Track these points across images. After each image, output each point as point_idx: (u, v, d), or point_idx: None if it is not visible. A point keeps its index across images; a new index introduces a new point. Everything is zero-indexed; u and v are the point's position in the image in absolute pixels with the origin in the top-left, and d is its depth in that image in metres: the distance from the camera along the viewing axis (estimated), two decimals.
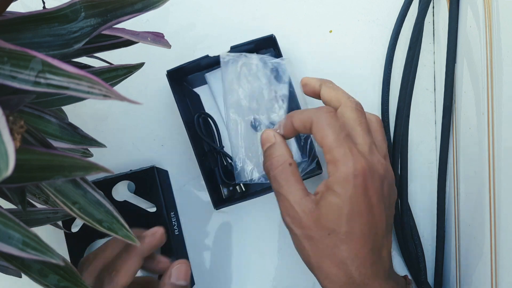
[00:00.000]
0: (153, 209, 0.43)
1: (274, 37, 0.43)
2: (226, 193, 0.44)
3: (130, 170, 0.44)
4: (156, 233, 0.36)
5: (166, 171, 0.46)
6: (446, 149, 0.43)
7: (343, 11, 0.46)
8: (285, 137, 0.38)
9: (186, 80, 0.45)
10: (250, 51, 0.44)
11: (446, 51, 0.42)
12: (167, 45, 0.31)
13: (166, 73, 0.42)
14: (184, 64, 0.42)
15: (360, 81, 0.46)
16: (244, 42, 0.43)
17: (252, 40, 0.43)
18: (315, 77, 0.40)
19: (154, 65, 0.43)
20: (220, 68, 0.45)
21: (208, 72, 0.45)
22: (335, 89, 0.38)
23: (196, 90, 0.46)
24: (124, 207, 0.42)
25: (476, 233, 0.37)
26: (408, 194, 0.44)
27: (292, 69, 0.46)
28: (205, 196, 0.46)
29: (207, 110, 0.46)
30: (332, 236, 0.33)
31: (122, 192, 0.44)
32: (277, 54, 0.43)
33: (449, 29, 0.41)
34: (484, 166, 0.35)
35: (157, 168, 0.44)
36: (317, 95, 0.39)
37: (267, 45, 0.44)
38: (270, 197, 0.46)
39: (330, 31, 0.46)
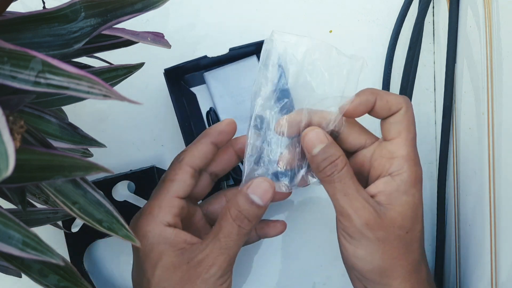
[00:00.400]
0: None
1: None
2: None
3: (130, 170, 0.44)
4: (223, 121, 0.36)
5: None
6: (446, 149, 0.43)
7: (343, 11, 0.46)
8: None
9: (183, 79, 0.45)
10: (250, 53, 0.44)
11: (446, 51, 0.42)
12: (167, 45, 0.31)
13: (163, 71, 0.42)
14: (182, 63, 0.42)
15: (360, 81, 0.46)
16: (244, 45, 0.43)
17: (252, 42, 0.43)
18: (358, 95, 0.34)
19: (154, 65, 0.43)
20: (219, 68, 0.45)
21: (206, 71, 0.45)
22: (389, 94, 0.34)
23: (193, 89, 0.46)
24: (124, 207, 0.42)
25: (476, 233, 0.37)
26: None
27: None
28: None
29: (202, 110, 0.46)
30: (409, 234, 0.33)
31: (122, 192, 0.44)
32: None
33: (449, 29, 0.41)
34: (484, 166, 0.35)
35: (157, 168, 0.44)
36: (371, 107, 0.34)
37: None
38: None
39: (330, 31, 0.46)
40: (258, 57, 0.45)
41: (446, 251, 0.43)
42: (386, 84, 0.45)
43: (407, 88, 0.43)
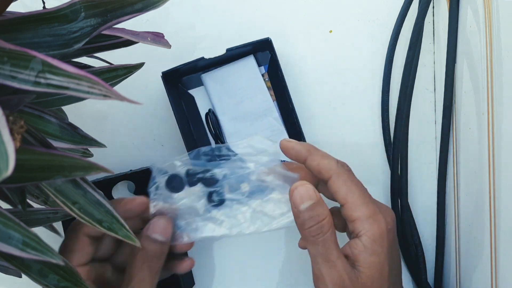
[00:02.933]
0: None
1: (270, 40, 0.43)
2: None
3: (130, 170, 0.44)
4: (135, 199, 0.35)
5: None
6: (446, 149, 0.43)
7: (343, 11, 0.46)
8: (284, 151, 0.36)
9: (181, 81, 0.45)
10: (247, 53, 0.44)
11: (446, 51, 0.42)
12: (167, 45, 0.31)
13: (161, 74, 0.42)
14: (179, 65, 0.42)
15: (360, 81, 0.46)
16: (241, 45, 0.43)
17: (249, 42, 0.43)
18: (298, 141, 0.37)
19: (154, 65, 0.43)
20: (216, 69, 0.45)
21: (204, 73, 0.45)
22: (324, 157, 0.36)
23: (191, 91, 0.46)
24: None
25: (476, 233, 0.37)
26: (408, 194, 0.44)
27: (291, 69, 0.46)
28: None
29: (201, 112, 0.46)
30: None
31: (122, 192, 0.44)
32: (273, 56, 0.43)
33: (449, 29, 0.41)
34: (484, 166, 0.35)
35: None
36: (301, 161, 0.36)
37: (263, 48, 0.44)
38: None
39: (330, 31, 0.46)
40: (256, 57, 0.45)
41: (446, 251, 0.43)
42: (386, 84, 0.45)
43: (407, 88, 0.43)
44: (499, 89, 0.34)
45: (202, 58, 0.43)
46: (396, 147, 0.43)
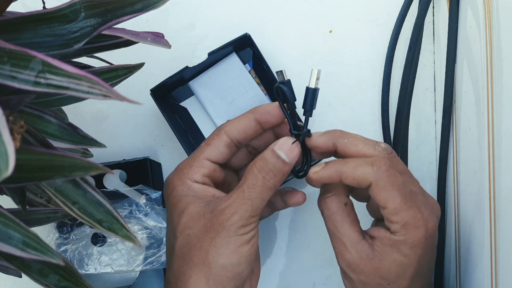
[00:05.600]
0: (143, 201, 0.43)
1: (249, 35, 0.42)
2: None
3: (124, 159, 0.44)
4: (271, 103, 0.37)
5: (160, 164, 0.46)
6: (446, 149, 0.43)
7: (343, 11, 0.46)
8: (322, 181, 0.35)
9: (170, 96, 0.45)
10: (229, 52, 0.44)
11: (446, 51, 0.42)
12: (167, 45, 0.31)
13: (150, 92, 0.41)
14: (166, 79, 0.42)
15: (360, 81, 0.46)
16: (221, 46, 0.42)
17: (229, 42, 0.42)
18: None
19: (154, 65, 0.43)
20: (202, 74, 0.44)
21: (191, 80, 0.44)
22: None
23: (183, 104, 0.45)
24: (114, 196, 0.42)
25: (476, 233, 0.37)
26: None
27: (291, 69, 0.46)
28: None
29: (197, 121, 0.45)
30: (391, 285, 0.34)
31: (113, 180, 0.44)
32: (255, 52, 0.43)
33: (449, 29, 0.41)
34: (484, 166, 0.35)
35: (150, 159, 0.44)
36: (331, 153, 0.36)
37: (244, 45, 0.44)
38: None
39: (330, 31, 0.46)
40: (238, 54, 0.45)
41: (446, 251, 0.43)
42: (386, 84, 0.45)
43: (407, 88, 0.43)
44: (499, 89, 0.34)
45: (186, 67, 0.42)
46: (396, 147, 0.43)
